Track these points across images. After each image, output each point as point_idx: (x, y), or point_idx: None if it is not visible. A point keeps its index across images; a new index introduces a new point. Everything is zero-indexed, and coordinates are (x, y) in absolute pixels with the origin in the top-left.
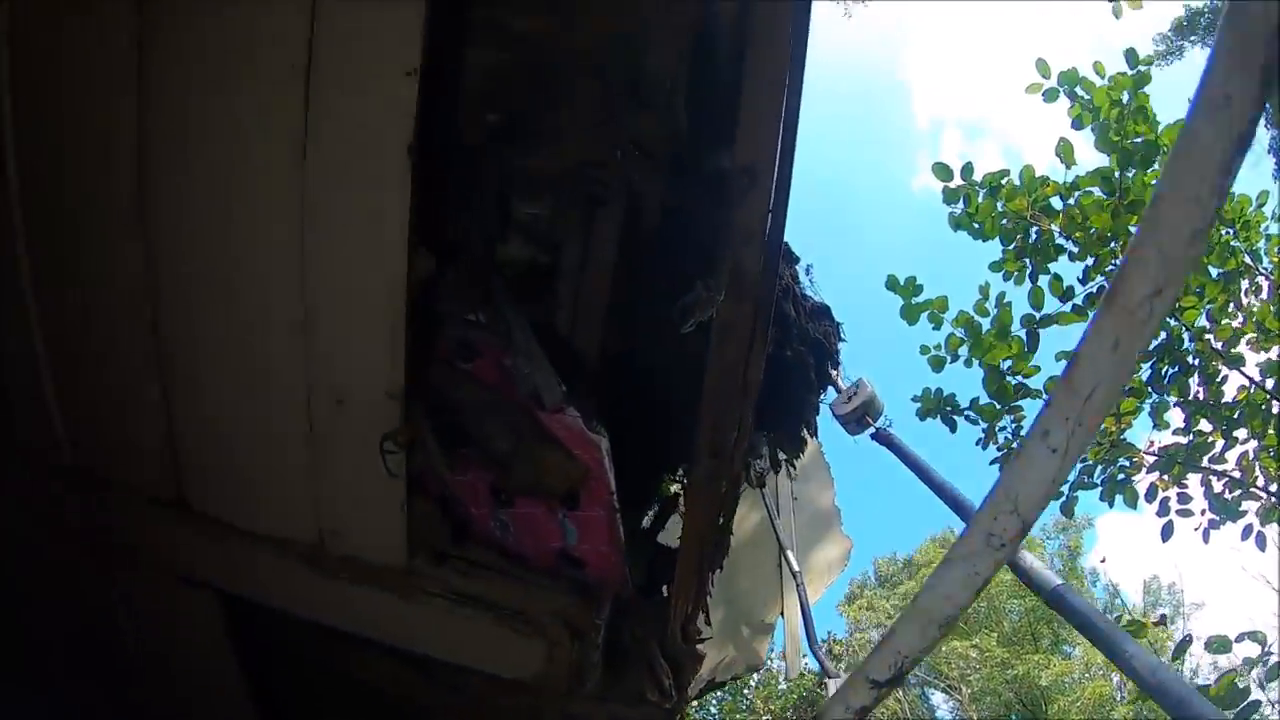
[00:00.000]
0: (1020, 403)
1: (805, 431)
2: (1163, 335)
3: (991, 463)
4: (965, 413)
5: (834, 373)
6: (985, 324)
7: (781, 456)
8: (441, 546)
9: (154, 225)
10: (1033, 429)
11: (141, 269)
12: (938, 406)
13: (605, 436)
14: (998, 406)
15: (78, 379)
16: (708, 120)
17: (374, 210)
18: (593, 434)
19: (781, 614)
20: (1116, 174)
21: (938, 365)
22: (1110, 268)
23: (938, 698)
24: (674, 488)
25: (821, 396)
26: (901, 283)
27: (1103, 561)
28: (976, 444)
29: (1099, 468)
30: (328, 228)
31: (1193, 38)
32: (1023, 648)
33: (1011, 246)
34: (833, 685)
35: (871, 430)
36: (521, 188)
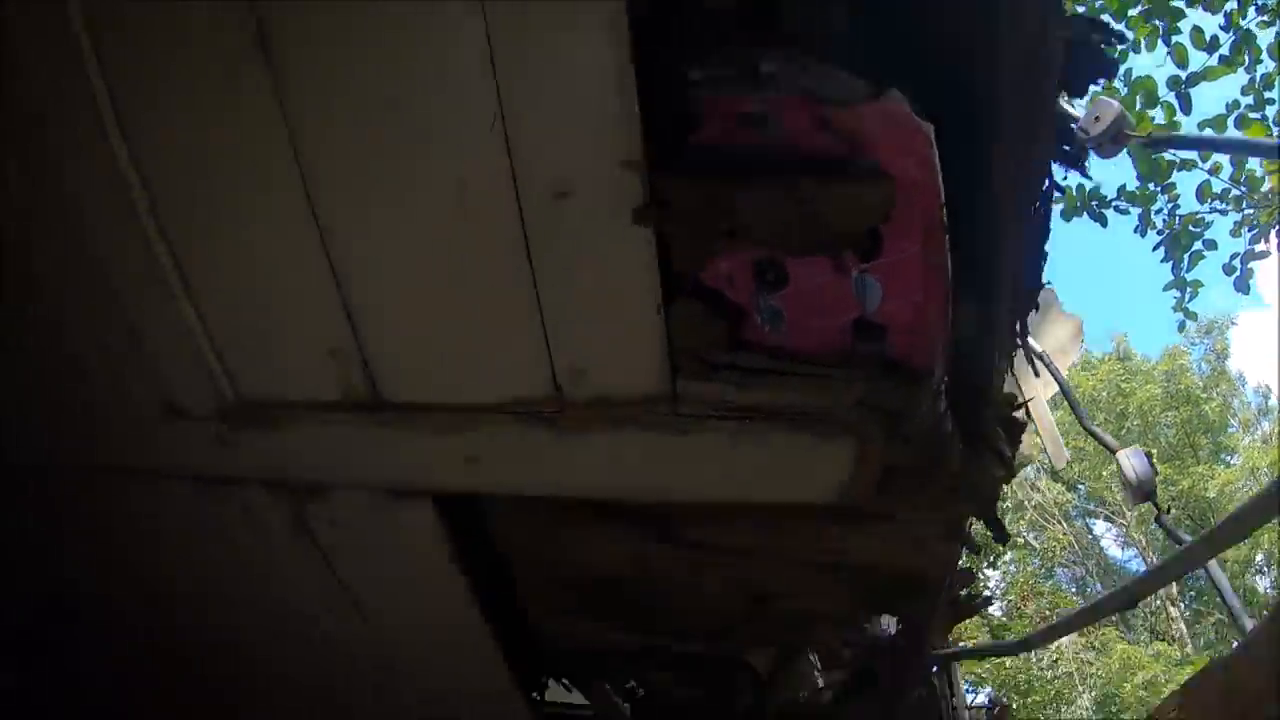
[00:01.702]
0: (1173, 180)
1: None
2: None
3: (1155, 248)
4: (1114, 204)
5: None
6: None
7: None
8: (712, 354)
9: None
10: None
11: None
12: (1084, 202)
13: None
14: (1151, 188)
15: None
16: None
17: None
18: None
19: (1025, 407)
20: None
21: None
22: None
23: (1100, 527)
24: None
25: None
26: None
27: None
28: (1135, 232)
29: (1275, 229)
30: None
31: None
32: (1184, 461)
33: (1138, 10)
34: (1122, 456)
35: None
36: None
